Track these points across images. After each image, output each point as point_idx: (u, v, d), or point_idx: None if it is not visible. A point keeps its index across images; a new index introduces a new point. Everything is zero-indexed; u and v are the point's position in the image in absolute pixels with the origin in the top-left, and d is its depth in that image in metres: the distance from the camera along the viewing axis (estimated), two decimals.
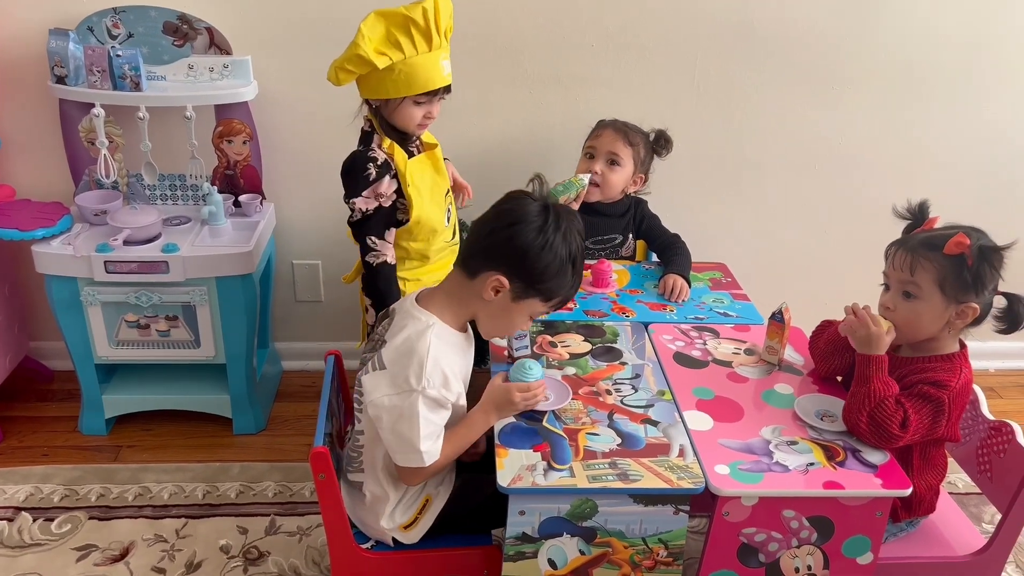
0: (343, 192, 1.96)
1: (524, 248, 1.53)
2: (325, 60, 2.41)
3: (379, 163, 1.95)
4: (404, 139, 2.01)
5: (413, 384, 1.52)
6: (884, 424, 1.61)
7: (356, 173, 1.94)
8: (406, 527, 1.68)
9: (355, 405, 1.68)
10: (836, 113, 2.62)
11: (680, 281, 2.23)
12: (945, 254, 1.63)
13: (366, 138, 2.00)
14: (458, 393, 1.61)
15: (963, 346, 1.72)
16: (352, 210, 1.96)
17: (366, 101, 1.99)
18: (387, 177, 1.96)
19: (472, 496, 1.71)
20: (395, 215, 2.00)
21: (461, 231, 2.23)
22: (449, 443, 1.61)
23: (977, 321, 1.68)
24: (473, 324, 1.72)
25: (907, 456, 1.68)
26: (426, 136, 2.10)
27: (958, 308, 1.65)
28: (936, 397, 1.62)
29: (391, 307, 1.72)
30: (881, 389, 1.63)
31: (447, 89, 1.97)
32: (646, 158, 2.38)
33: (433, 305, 1.62)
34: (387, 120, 1.98)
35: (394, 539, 1.69)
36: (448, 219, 2.12)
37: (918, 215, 1.77)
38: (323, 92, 2.44)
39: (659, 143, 2.40)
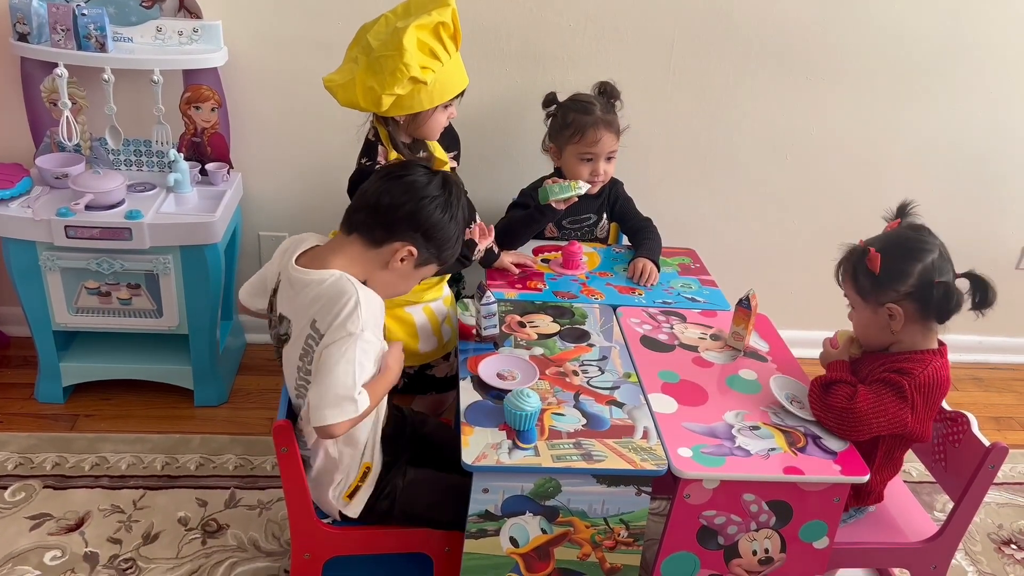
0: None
1: (434, 223, 1.58)
2: (297, 28, 2.39)
3: None
4: (413, 149, 1.95)
5: (350, 328, 1.47)
6: (832, 403, 1.65)
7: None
8: (349, 496, 1.66)
9: (301, 391, 1.60)
10: (809, 105, 2.63)
11: (650, 265, 2.24)
12: (853, 263, 1.70)
13: (370, 149, 1.91)
14: (381, 341, 1.57)
15: (941, 344, 1.73)
16: None
17: (379, 117, 1.89)
18: None
19: (431, 489, 1.71)
20: None
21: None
22: (371, 394, 1.53)
23: (929, 317, 1.66)
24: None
25: (871, 452, 1.70)
26: (438, 152, 2.04)
27: (887, 310, 1.67)
28: (895, 382, 1.64)
29: (277, 312, 1.63)
30: (828, 376, 1.71)
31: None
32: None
33: (333, 266, 1.56)
34: (407, 132, 1.91)
35: (342, 515, 1.68)
36: None
37: (898, 216, 1.79)
38: (294, 61, 2.42)
39: (611, 95, 2.32)
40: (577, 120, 2.26)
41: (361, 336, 1.48)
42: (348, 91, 1.81)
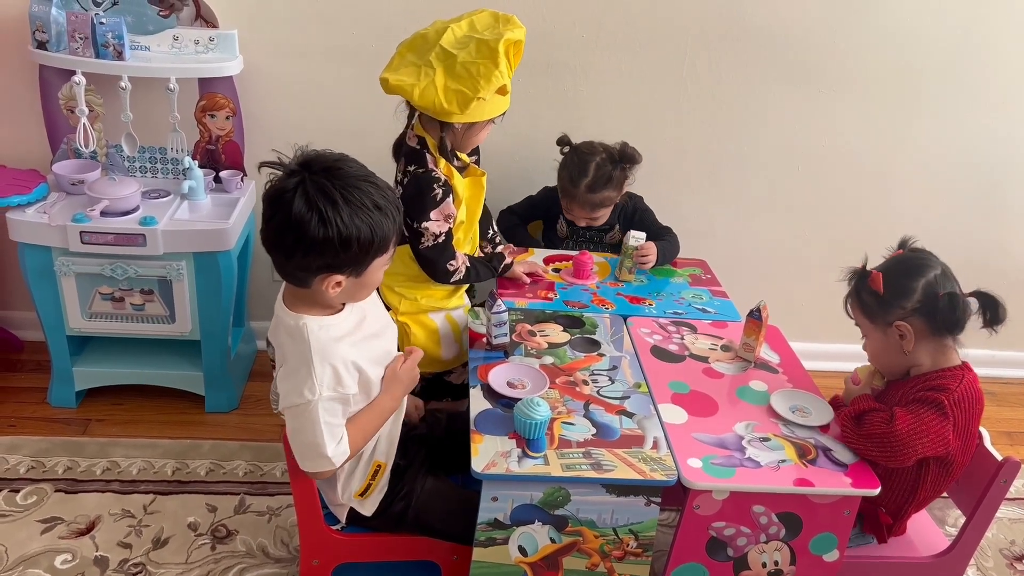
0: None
1: (326, 244, 1.39)
2: (312, 37, 2.41)
3: (442, 183, 1.92)
4: (451, 159, 1.99)
5: (307, 395, 1.46)
6: (871, 431, 1.62)
7: (424, 194, 1.90)
8: (361, 495, 1.66)
9: None
10: (820, 116, 2.63)
11: (654, 249, 2.28)
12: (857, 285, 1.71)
13: (417, 157, 1.93)
14: (356, 382, 1.52)
15: (964, 362, 1.71)
16: (423, 235, 1.93)
17: (432, 125, 1.92)
18: (450, 197, 1.94)
19: (448, 502, 1.71)
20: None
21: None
22: (359, 431, 1.55)
23: (940, 331, 1.65)
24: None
25: (914, 487, 1.68)
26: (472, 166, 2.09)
27: (896, 329, 1.67)
28: (933, 399, 1.61)
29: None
30: (855, 408, 1.69)
31: None
32: (619, 186, 2.33)
33: (296, 305, 1.52)
34: (453, 143, 1.95)
35: (355, 514, 1.68)
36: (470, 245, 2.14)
37: (900, 248, 1.79)
38: (309, 70, 2.44)
39: (627, 160, 2.32)
40: (562, 181, 2.35)
41: (321, 399, 1.46)
42: (428, 93, 1.81)
